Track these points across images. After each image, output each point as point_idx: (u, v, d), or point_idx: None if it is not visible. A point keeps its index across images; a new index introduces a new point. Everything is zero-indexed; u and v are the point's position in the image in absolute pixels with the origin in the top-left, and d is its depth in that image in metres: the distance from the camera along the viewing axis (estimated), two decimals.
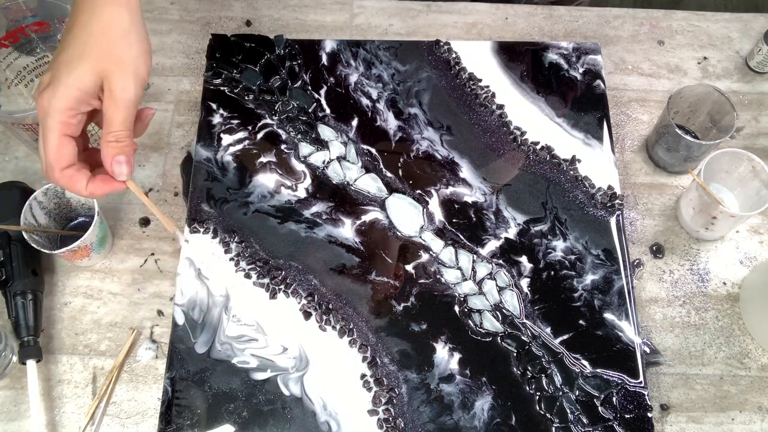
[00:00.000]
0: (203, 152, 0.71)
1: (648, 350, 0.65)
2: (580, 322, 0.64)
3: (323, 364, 0.62)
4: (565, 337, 0.63)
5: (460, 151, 0.72)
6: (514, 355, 0.62)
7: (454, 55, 0.77)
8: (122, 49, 0.52)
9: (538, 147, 0.72)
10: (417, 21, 0.83)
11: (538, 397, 0.61)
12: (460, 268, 0.66)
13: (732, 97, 0.73)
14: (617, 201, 0.69)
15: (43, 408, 0.62)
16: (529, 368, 0.62)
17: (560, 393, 0.61)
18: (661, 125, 0.71)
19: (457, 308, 0.64)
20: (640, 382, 0.61)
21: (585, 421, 0.60)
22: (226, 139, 0.72)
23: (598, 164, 0.71)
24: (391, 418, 0.60)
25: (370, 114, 0.74)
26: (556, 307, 0.65)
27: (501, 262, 0.66)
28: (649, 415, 0.60)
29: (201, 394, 0.61)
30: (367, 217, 0.68)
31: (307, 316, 0.64)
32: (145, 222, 0.71)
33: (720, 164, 0.68)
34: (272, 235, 0.67)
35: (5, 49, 0.69)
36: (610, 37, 0.82)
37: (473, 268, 0.66)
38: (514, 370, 0.62)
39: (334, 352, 0.63)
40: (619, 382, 0.61)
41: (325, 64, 0.76)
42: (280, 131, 0.73)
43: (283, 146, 0.72)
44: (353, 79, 0.76)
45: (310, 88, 0.75)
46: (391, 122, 0.73)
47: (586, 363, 0.62)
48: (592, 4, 0.88)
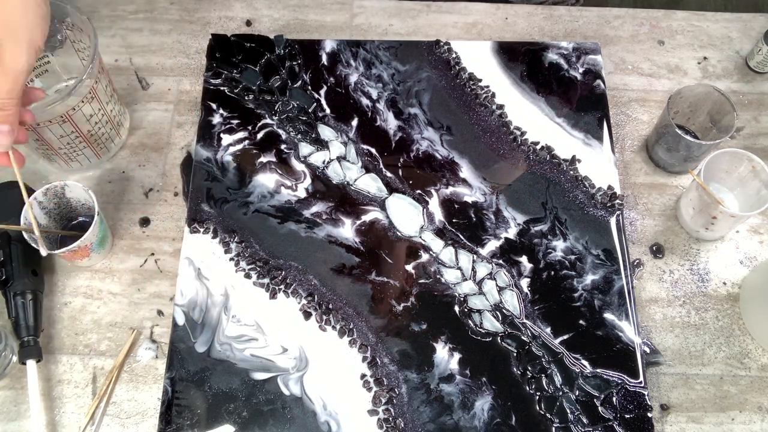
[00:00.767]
0: (203, 152, 0.71)
1: (648, 350, 0.65)
2: (580, 322, 0.64)
3: (323, 364, 0.62)
4: (565, 337, 0.63)
5: (460, 151, 0.72)
6: (514, 355, 0.62)
7: (454, 55, 0.77)
8: (15, 16, 0.51)
9: (538, 147, 0.72)
10: (417, 21, 0.83)
11: (538, 397, 0.61)
12: (460, 268, 0.66)
13: (732, 97, 0.73)
14: (617, 201, 0.69)
15: (43, 408, 0.62)
16: (529, 368, 0.62)
17: (560, 393, 0.61)
18: (661, 125, 0.71)
19: (457, 308, 0.64)
20: (640, 382, 0.61)
21: (585, 421, 0.60)
22: (226, 139, 0.72)
23: (598, 164, 0.71)
24: (391, 418, 0.60)
25: (370, 114, 0.74)
26: (556, 307, 0.65)
27: (501, 262, 0.66)
28: (649, 415, 0.60)
29: (201, 394, 0.61)
30: (367, 217, 0.68)
31: (307, 316, 0.64)
32: (145, 222, 0.71)
33: (720, 164, 0.68)
34: (272, 235, 0.67)
35: None
36: (610, 37, 0.82)
37: (473, 268, 0.66)
38: (514, 370, 0.62)
39: (334, 352, 0.63)
40: (619, 382, 0.61)
41: (325, 64, 0.76)
42: (280, 131, 0.73)
43: (283, 146, 0.72)
44: (353, 79, 0.76)
45: (310, 88, 0.75)
46: (391, 122, 0.73)
47: (586, 363, 0.62)
48: (593, 4, 0.88)
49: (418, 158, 0.71)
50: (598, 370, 0.62)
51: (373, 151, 0.72)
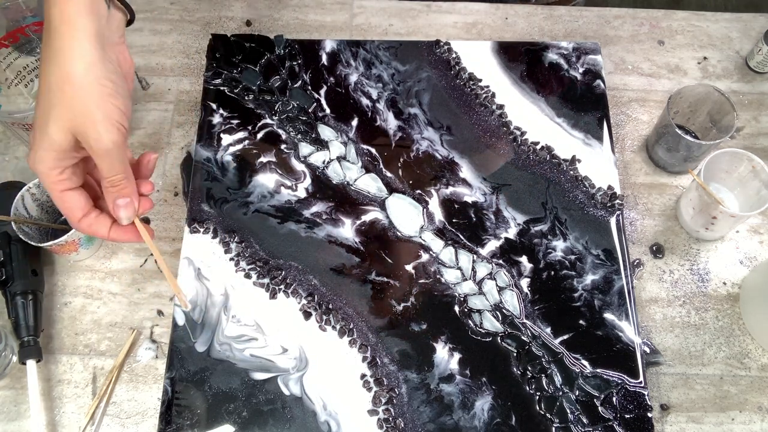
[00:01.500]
0: (203, 152, 0.71)
1: (648, 350, 0.65)
2: (580, 322, 0.64)
3: (323, 364, 0.62)
4: (565, 337, 0.63)
5: (460, 151, 0.72)
6: (514, 355, 0.62)
7: (454, 55, 0.77)
8: (86, 95, 0.49)
9: (538, 147, 0.72)
10: (417, 21, 0.83)
11: (538, 397, 0.61)
12: (460, 268, 0.66)
13: (732, 97, 0.73)
14: (617, 201, 0.69)
15: (43, 408, 0.62)
16: (529, 368, 0.62)
17: (560, 393, 0.61)
18: (661, 125, 0.71)
19: (457, 308, 0.64)
20: (640, 382, 0.61)
21: (585, 421, 0.60)
22: (226, 139, 0.72)
23: (598, 164, 0.71)
24: (391, 418, 0.60)
25: (370, 114, 0.74)
26: (556, 307, 0.65)
27: (501, 262, 0.66)
28: (649, 415, 0.60)
29: (201, 394, 0.61)
30: (367, 217, 0.68)
31: (307, 316, 0.64)
32: (145, 222, 0.71)
33: (720, 164, 0.68)
34: (272, 235, 0.67)
35: (5, 49, 0.69)
36: (610, 37, 0.82)
37: (473, 268, 0.66)
38: (514, 370, 0.62)
39: (334, 352, 0.63)
40: (619, 382, 0.61)
41: (325, 64, 0.76)
42: (280, 131, 0.73)
43: (283, 146, 0.72)
44: (353, 79, 0.76)
45: (310, 88, 0.75)
46: (391, 122, 0.73)
47: (586, 363, 0.62)
48: (593, 4, 0.88)
49: (418, 158, 0.71)
50: (598, 370, 0.62)
51: (373, 151, 0.72)
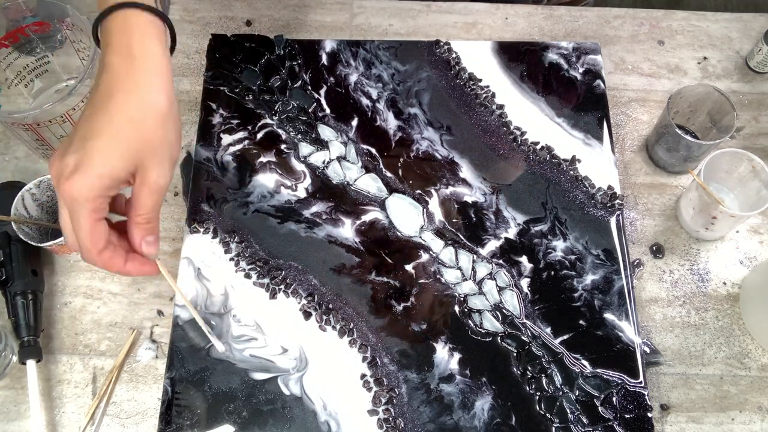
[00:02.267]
0: (203, 152, 0.71)
1: (648, 350, 0.65)
2: (580, 322, 0.64)
3: (323, 364, 0.62)
4: (565, 337, 0.63)
5: (460, 151, 0.72)
6: (514, 355, 0.62)
7: (454, 55, 0.77)
8: (160, 137, 0.50)
9: (538, 147, 0.72)
10: (417, 21, 0.83)
11: (538, 397, 0.61)
12: (460, 268, 0.66)
13: (732, 97, 0.73)
14: (617, 201, 0.69)
15: (43, 408, 0.62)
16: (529, 368, 0.62)
17: (560, 393, 0.61)
18: (661, 125, 0.71)
19: (457, 308, 0.64)
20: (640, 382, 0.61)
21: (585, 421, 0.60)
22: (226, 139, 0.72)
23: (598, 164, 0.71)
24: (391, 418, 0.60)
25: (370, 114, 0.74)
26: (556, 307, 0.65)
27: (501, 262, 0.66)
28: (649, 415, 0.60)
29: (201, 394, 0.61)
30: (367, 217, 0.68)
31: (307, 316, 0.64)
32: None
33: (720, 164, 0.68)
34: (272, 235, 0.67)
35: (5, 49, 0.69)
36: (610, 37, 0.82)
37: (473, 268, 0.66)
38: (514, 370, 0.62)
39: (334, 352, 0.63)
40: (619, 382, 0.61)
41: (325, 64, 0.76)
42: (280, 131, 0.73)
43: (283, 146, 0.72)
44: (353, 79, 0.76)
45: (310, 88, 0.75)
46: (391, 122, 0.73)
47: (586, 363, 0.62)
48: (593, 4, 0.88)
49: (418, 158, 0.71)
50: (598, 370, 0.62)
51: (373, 151, 0.72)
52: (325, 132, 0.73)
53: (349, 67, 0.76)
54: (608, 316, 0.64)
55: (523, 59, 0.77)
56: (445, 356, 0.62)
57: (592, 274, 0.66)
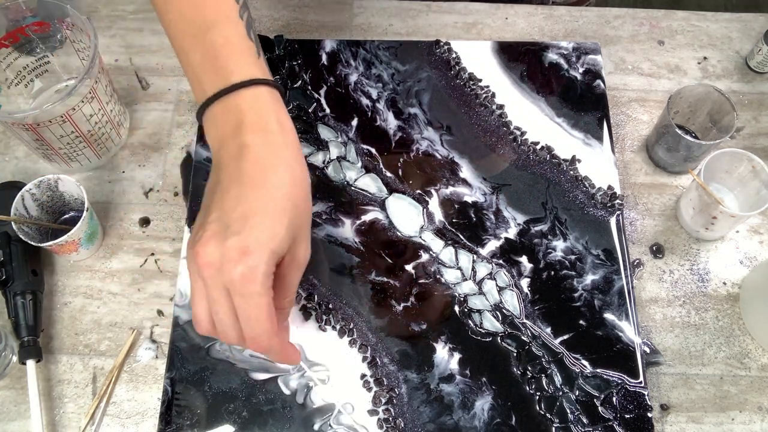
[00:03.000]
0: (203, 152, 0.71)
1: (648, 350, 0.65)
2: (580, 322, 0.64)
3: (323, 364, 0.62)
4: (565, 337, 0.63)
5: (460, 151, 0.72)
6: (514, 355, 0.62)
7: (454, 55, 0.77)
8: (305, 212, 0.50)
9: (538, 147, 0.72)
10: (417, 21, 0.83)
11: (538, 397, 0.61)
12: (460, 268, 0.66)
13: (732, 97, 0.73)
14: (617, 201, 0.69)
15: (43, 408, 0.62)
16: (529, 368, 0.62)
17: (560, 393, 0.61)
18: (661, 125, 0.71)
19: (457, 308, 0.64)
20: (640, 382, 0.61)
21: (585, 421, 0.60)
22: None
23: (598, 164, 0.71)
24: (391, 418, 0.60)
25: (370, 114, 0.74)
26: (556, 307, 0.65)
27: (501, 262, 0.66)
28: (649, 415, 0.60)
29: (201, 394, 0.61)
30: (367, 217, 0.68)
31: (307, 316, 0.64)
32: (145, 222, 0.71)
33: (720, 164, 0.68)
34: None
35: (5, 49, 0.69)
36: (610, 37, 0.82)
37: (473, 268, 0.66)
38: (514, 370, 0.62)
39: (334, 352, 0.63)
40: (619, 382, 0.61)
41: (325, 63, 0.76)
42: None
43: None
44: (353, 78, 0.76)
45: (309, 88, 0.75)
46: (391, 122, 0.73)
47: (586, 363, 0.62)
48: (593, 3, 0.88)
49: (418, 158, 0.71)
50: (598, 370, 0.62)
51: (373, 151, 0.72)
52: (325, 132, 0.73)
53: (349, 67, 0.76)
54: (608, 316, 0.64)
55: (523, 59, 0.77)
56: (445, 356, 0.62)
57: (592, 274, 0.66)
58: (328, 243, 0.67)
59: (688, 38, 0.82)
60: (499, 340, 0.63)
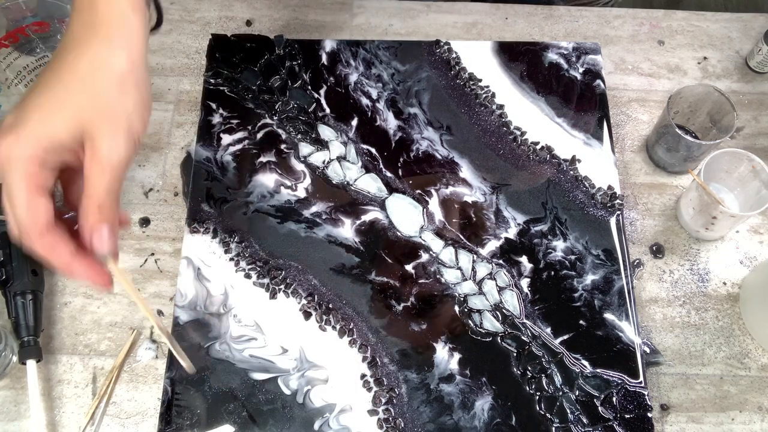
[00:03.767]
0: (203, 152, 0.71)
1: (648, 350, 0.65)
2: (581, 322, 0.64)
3: (323, 364, 0.62)
4: (566, 337, 0.63)
5: (460, 151, 0.72)
6: (514, 355, 0.62)
7: (454, 55, 0.77)
8: (115, 99, 0.43)
9: (538, 147, 0.72)
10: (417, 21, 0.83)
11: (538, 397, 0.61)
12: (460, 268, 0.66)
13: (732, 97, 0.73)
14: (617, 201, 0.69)
15: (43, 408, 0.62)
16: (529, 368, 0.62)
17: (560, 393, 0.61)
18: (661, 125, 0.71)
19: (457, 308, 0.64)
20: (640, 382, 0.61)
21: (585, 421, 0.60)
22: (226, 138, 0.72)
23: (598, 164, 0.71)
24: (391, 418, 0.60)
25: (369, 114, 0.74)
26: (556, 307, 0.65)
27: (501, 262, 0.66)
28: (649, 415, 0.60)
29: (201, 394, 0.61)
30: (367, 217, 0.68)
31: (307, 316, 0.64)
32: (145, 222, 0.71)
33: (720, 164, 0.68)
34: (272, 235, 0.67)
35: (5, 49, 0.69)
36: (610, 37, 0.82)
37: (473, 268, 0.66)
38: (514, 370, 0.62)
39: (334, 352, 0.63)
40: (619, 382, 0.61)
41: (325, 63, 0.76)
42: (280, 131, 0.73)
43: (283, 146, 0.72)
44: (353, 78, 0.76)
45: (310, 87, 0.75)
46: (390, 122, 0.73)
47: (586, 363, 0.62)
48: (593, 3, 0.88)
49: (418, 158, 0.71)
50: (598, 370, 0.62)
51: (373, 151, 0.72)
52: (325, 132, 0.73)
53: (349, 67, 0.76)
54: (608, 316, 0.64)
55: (523, 59, 0.77)
56: (445, 356, 0.62)
57: (592, 274, 0.66)
58: (328, 243, 0.67)
59: (688, 38, 0.82)
60: (499, 340, 0.63)
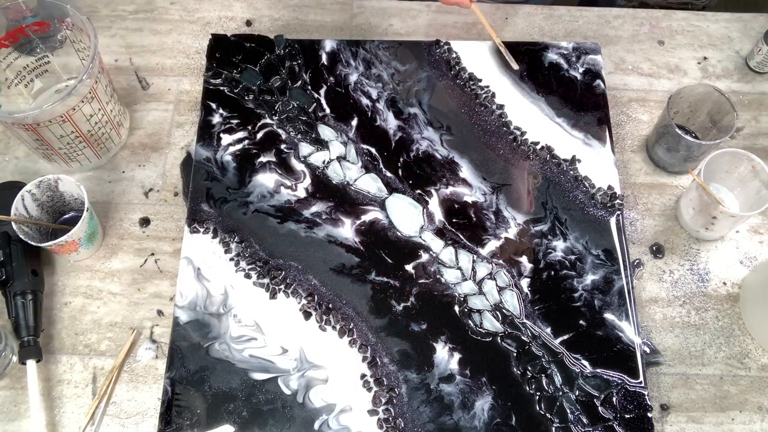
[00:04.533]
0: (203, 152, 0.71)
1: (648, 350, 0.65)
2: (581, 322, 0.64)
3: (323, 364, 0.62)
4: (566, 337, 0.63)
5: (460, 151, 0.72)
6: (514, 355, 0.62)
7: (454, 55, 0.77)
8: None
9: (538, 147, 0.72)
10: (417, 21, 0.83)
11: (538, 397, 0.61)
12: (460, 268, 0.66)
13: (732, 97, 0.73)
14: (617, 201, 0.69)
15: (43, 408, 0.62)
16: (529, 368, 0.62)
17: (560, 393, 0.61)
18: (661, 125, 0.71)
19: (457, 308, 0.64)
20: (640, 382, 0.61)
21: (585, 421, 0.60)
22: (226, 138, 0.72)
23: (598, 164, 0.71)
24: (391, 418, 0.60)
25: (369, 114, 0.74)
26: (556, 307, 0.65)
27: (501, 262, 0.66)
28: (649, 415, 0.60)
29: (201, 394, 0.61)
30: (367, 217, 0.68)
31: (307, 316, 0.64)
32: (145, 222, 0.71)
33: (720, 164, 0.68)
34: (272, 235, 0.67)
35: (5, 49, 0.69)
36: (610, 37, 0.82)
37: (473, 268, 0.66)
38: (514, 370, 0.62)
39: (334, 352, 0.63)
40: (619, 382, 0.61)
41: (325, 63, 0.76)
42: (280, 131, 0.73)
43: (283, 146, 0.72)
44: (353, 78, 0.76)
45: (309, 87, 0.75)
46: (390, 122, 0.73)
47: (586, 363, 0.62)
48: (593, 3, 0.88)
49: (418, 158, 0.71)
50: (598, 370, 0.62)
51: (373, 151, 0.72)
52: (325, 132, 0.73)
53: (349, 67, 0.76)
54: (608, 316, 0.64)
55: (523, 59, 0.77)
56: (445, 356, 0.62)
57: (592, 274, 0.66)
58: (328, 243, 0.67)
59: (688, 38, 0.82)
60: (499, 340, 0.63)
